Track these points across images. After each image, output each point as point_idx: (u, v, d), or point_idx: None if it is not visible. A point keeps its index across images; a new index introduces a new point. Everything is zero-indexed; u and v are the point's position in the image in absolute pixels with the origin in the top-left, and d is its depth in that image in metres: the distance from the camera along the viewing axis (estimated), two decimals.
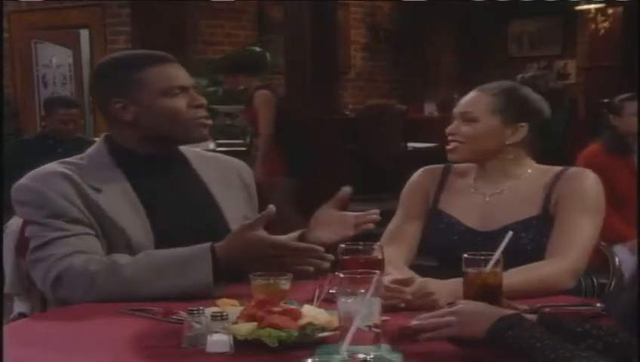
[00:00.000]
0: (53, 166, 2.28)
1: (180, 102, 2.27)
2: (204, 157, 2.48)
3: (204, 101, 2.33)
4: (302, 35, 7.27)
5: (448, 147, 2.41)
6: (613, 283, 2.49)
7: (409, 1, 10.34)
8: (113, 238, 2.19)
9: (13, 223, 4.78)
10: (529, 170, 2.39)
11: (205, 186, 2.37)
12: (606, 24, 10.02)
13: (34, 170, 2.29)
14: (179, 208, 2.29)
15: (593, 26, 10.16)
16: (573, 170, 2.37)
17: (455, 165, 2.49)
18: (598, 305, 1.93)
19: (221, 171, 2.44)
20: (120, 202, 2.22)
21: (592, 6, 10.10)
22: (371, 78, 11.32)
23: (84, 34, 9.18)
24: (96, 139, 2.42)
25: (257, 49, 8.22)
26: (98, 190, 2.22)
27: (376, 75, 11.39)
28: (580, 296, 2.35)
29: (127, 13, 8.71)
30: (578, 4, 10.21)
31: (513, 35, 11.65)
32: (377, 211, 2.18)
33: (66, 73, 9.35)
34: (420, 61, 11.35)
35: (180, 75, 2.31)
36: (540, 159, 2.46)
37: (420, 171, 2.52)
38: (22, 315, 2.35)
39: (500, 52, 11.51)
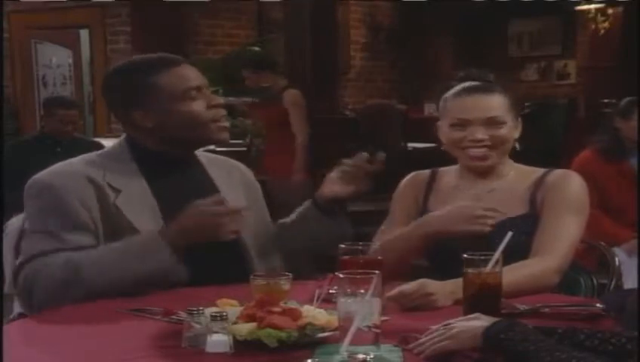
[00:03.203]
0: (75, 165, 2.28)
1: (199, 105, 2.29)
2: (211, 158, 2.49)
3: (221, 101, 2.36)
4: (302, 35, 7.27)
5: (475, 154, 2.36)
6: (613, 284, 2.50)
7: (409, 1, 10.33)
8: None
9: (14, 223, 4.80)
10: (512, 171, 2.42)
11: (216, 189, 2.39)
12: (606, 24, 10.02)
13: (56, 164, 2.30)
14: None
15: (593, 26, 10.16)
16: (558, 171, 2.39)
17: (441, 168, 2.50)
18: (598, 305, 1.93)
19: (227, 170, 2.47)
20: (138, 204, 2.24)
21: (592, 6, 10.10)
22: (371, 78, 11.32)
23: (84, 34, 9.19)
24: (96, 139, 2.45)
25: (255, 49, 8.21)
26: (118, 191, 2.24)
27: (376, 75, 11.39)
28: (579, 296, 2.36)
29: (127, 13, 8.71)
30: (578, 4, 10.21)
31: (513, 35, 11.65)
32: (383, 155, 2.32)
33: (65, 73, 9.35)
34: (419, 61, 11.35)
35: (192, 75, 2.32)
36: (540, 159, 2.47)
37: (408, 176, 2.53)
38: (22, 315, 2.35)
39: (500, 52, 11.50)
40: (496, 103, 2.37)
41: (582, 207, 2.33)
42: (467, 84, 2.43)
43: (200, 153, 2.45)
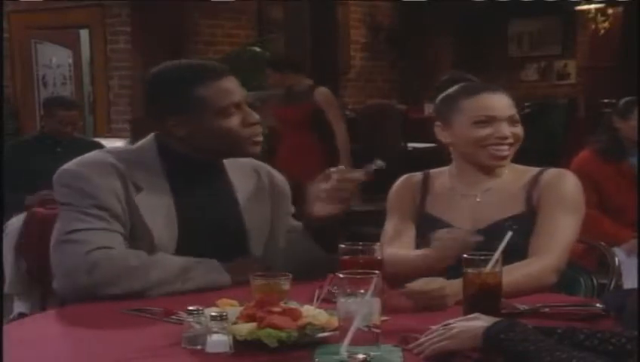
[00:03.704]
0: (104, 155, 2.29)
1: (234, 122, 2.27)
2: (236, 163, 2.44)
3: (257, 118, 2.31)
4: (302, 35, 7.28)
5: (500, 152, 2.36)
6: (613, 284, 2.50)
7: (409, 1, 10.33)
8: (139, 238, 2.21)
9: (14, 223, 4.81)
10: (507, 169, 2.42)
11: (236, 199, 2.37)
12: (606, 24, 10.02)
13: (82, 155, 2.30)
14: (206, 220, 2.30)
15: (593, 26, 10.16)
16: (553, 170, 2.39)
17: (432, 170, 2.50)
18: (598, 305, 1.93)
19: (250, 175, 2.43)
20: (156, 206, 2.23)
21: (592, 6, 10.10)
22: (371, 78, 11.31)
23: (84, 34, 9.19)
24: (96, 139, 2.44)
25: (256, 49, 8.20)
26: (140, 189, 2.23)
27: (376, 75, 11.39)
28: (579, 296, 2.36)
29: (127, 13, 8.71)
30: (578, 4, 10.21)
31: (513, 35, 11.64)
32: (362, 172, 2.21)
33: (65, 73, 9.36)
34: (419, 61, 11.34)
35: (235, 89, 2.29)
36: (540, 159, 2.47)
37: (400, 179, 2.53)
38: (22, 315, 2.36)
39: (500, 52, 11.50)
40: (509, 102, 2.40)
41: (577, 205, 2.34)
42: (470, 83, 2.45)
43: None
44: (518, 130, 2.38)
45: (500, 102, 2.39)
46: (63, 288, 2.16)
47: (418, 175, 2.52)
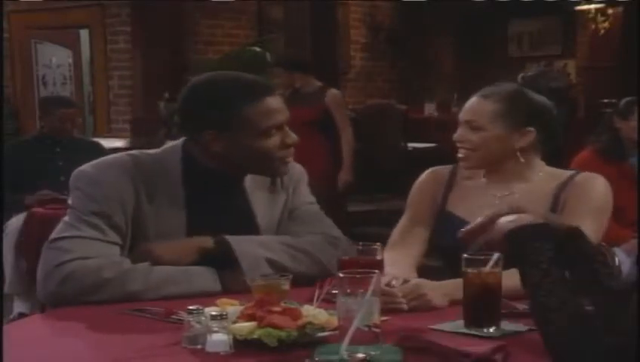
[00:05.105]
0: (123, 160, 2.24)
1: (273, 143, 2.21)
2: (257, 178, 2.38)
3: (295, 140, 2.26)
4: (302, 35, 7.28)
5: (459, 155, 2.37)
6: None
7: (409, 1, 10.34)
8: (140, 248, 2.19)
9: (13, 223, 4.81)
10: (540, 173, 2.39)
11: (251, 211, 2.33)
12: (606, 24, 10.01)
13: (103, 157, 2.28)
14: (217, 233, 2.24)
15: (593, 26, 10.16)
16: (584, 174, 2.37)
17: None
18: None
19: (266, 182, 2.37)
20: (166, 218, 2.21)
21: (592, 6, 10.09)
22: (371, 78, 11.32)
23: (84, 34, 9.19)
24: (96, 139, 2.42)
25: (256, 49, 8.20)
26: (152, 199, 2.20)
27: (376, 75, 11.39)
28: None
29: (127, 13, 8.71)
30: (578, 4, 10.20)
31: (513, 35, 11.64)
32: None
33: (65, 73, 9.36)
34: (420, 61, 11.35)
35: (279, 109, 2.23)
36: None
37: (427, 172, 2.50)
38: (22, 315, 2.35)
39: (500, 52, 11.49)
40: (479, 108, 2.36)
41: (603, 210, 2.31)
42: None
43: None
44: (475, 136, 2.34)
45: (466, 107, 2.38)
46: (39, 293, 2.15)
47: (446, 169, 2.49)
